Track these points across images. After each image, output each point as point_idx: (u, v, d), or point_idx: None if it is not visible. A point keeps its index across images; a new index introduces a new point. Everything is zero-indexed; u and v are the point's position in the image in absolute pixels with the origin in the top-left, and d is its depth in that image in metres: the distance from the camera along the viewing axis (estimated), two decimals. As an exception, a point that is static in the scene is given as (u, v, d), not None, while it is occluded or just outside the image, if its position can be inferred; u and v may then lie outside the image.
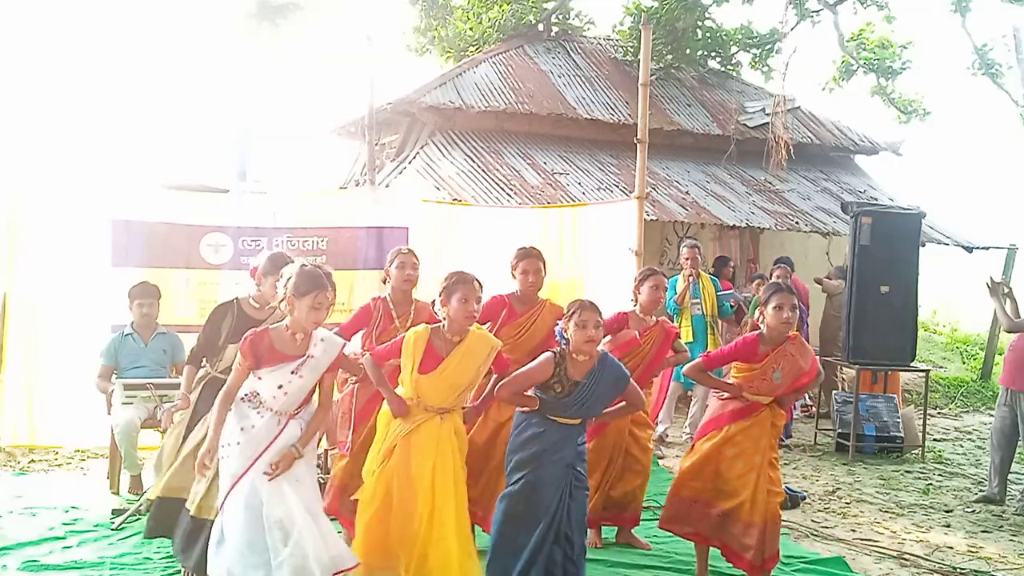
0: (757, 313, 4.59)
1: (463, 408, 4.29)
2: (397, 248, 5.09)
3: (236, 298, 4.62)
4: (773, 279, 8.93)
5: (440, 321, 4.16)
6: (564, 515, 4.06)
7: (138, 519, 5.43)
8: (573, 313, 4.11)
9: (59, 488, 6.18)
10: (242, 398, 3.76)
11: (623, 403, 4.31)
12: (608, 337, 5.05)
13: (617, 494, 5.22)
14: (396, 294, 4.94)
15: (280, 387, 3.73)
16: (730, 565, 4.89)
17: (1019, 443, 6.83)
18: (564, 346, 4.16)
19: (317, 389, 3.87)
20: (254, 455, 3.69)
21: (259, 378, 3.73)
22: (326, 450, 6.05)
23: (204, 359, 4.72)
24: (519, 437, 4.14)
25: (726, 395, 4.59)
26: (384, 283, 5.05)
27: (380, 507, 4.03)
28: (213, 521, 4.12)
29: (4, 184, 7.20)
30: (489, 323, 4.96)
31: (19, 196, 7.05)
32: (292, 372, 3.74)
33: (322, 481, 5.45)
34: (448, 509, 4.02)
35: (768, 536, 4.44)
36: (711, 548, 4.73)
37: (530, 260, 5.06)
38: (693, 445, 4.72)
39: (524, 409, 4.16)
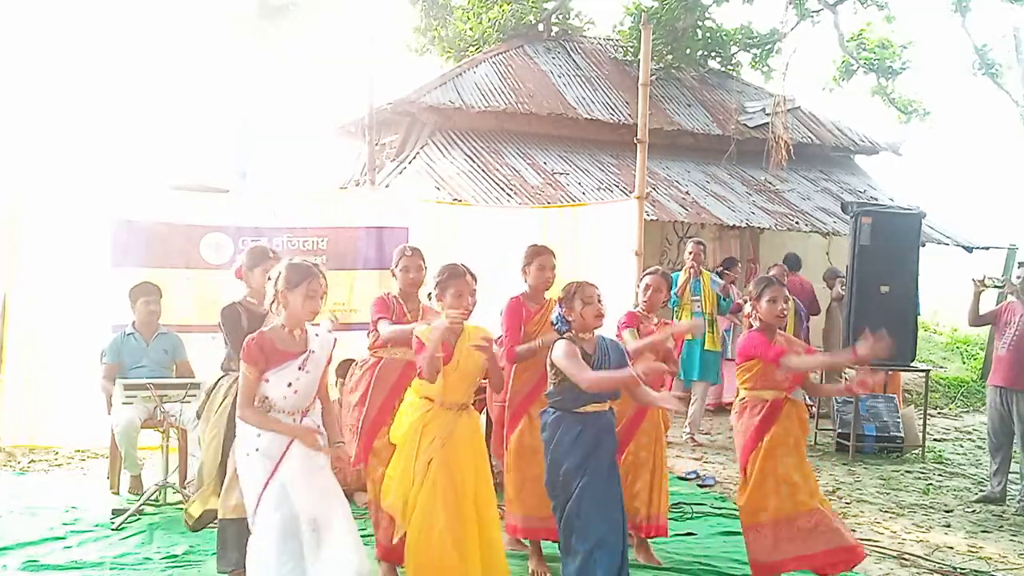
0: (750, 308, 4.57)
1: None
2: (401, 249, 4.94)
3: (235, 301, 4.58)
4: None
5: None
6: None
7: (138, 519, 5.44)
8: (575, 292, 4.08)
9: (59, 488, 6.17)
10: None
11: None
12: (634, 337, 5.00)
13: (651, 500, 5.06)
14: (404, 294, 4.93)
15: (289, 385, 3.71)
16: (731, 565, 4.91)
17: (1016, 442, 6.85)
18: (566, 331, 4.13)
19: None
20: (276, 459, 3.68)
21: (266, 380, 3.69)
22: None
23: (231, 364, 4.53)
24: (560, 445, 4.04)
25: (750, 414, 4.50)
26: (393, 277, 5.01)
27: (432, 523, 3.90)
28: (235, 520, 4.11)
29: (4, 184, 7.20)
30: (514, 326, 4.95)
31: (19, 196, 7.04)
32: (299, 368, 3.73)
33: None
34: (492, 507, 4.01)
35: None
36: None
37: (546, 256, 5.08)
38: (744, 473, 4.49)
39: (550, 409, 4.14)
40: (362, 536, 3.99)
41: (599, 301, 4.08)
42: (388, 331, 4.60)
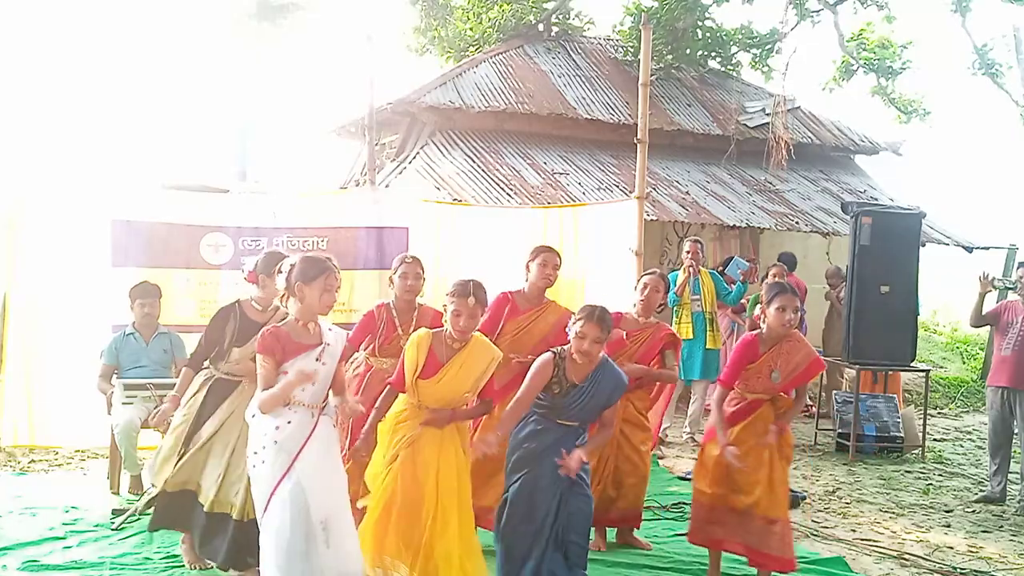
0: (758, 310, 4.59)
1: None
2: (402, 256, 5.02)
3: (238, 301, 4.61)
4: (770, 277, 8.94)
5: (443, 326, 4.17)
6: (564, 518, 4.05)
7: (138, 519, 5.43)
8: (580, 319, 4.06)
9: (59, 488, 6.17)
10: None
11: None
12: None
13: (615, 495, 5.22)
14: (400, 302, 4.93)
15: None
16: (731, 565, 4.91)
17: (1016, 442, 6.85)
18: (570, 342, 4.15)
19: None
20: (293, 453, 3.68)
21: (284, 372, 3.70)
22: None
23: (206, 362, 4.69)
24: (518, 435, 4.14)
25: (726, 403, 4.59)
26: (390, 286, 5.03)
27: (384, 508, 4.03)
28: (230, 515, 4.24)
29: (4, 184, 7.20)
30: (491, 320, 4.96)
31: (19, 196, 7.04)
32: (316, 359, 3.74)
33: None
34: (452, 508, 4.02)
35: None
36: (724, 553, 4.73)
37: (550, 255, 5.09)
38: (702, 451, 4.73)
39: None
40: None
41: (593, 342, 3.99)
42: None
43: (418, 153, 11.71)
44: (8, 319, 6.90)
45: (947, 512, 6.51)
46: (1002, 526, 6.23)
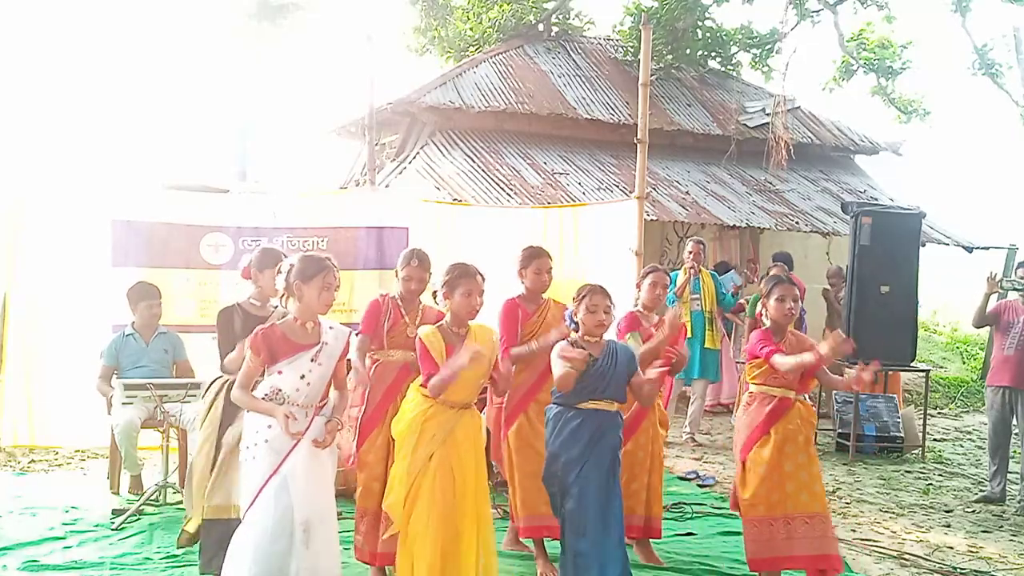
0: (759, 306, 4.59)
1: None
2: (408, 255, 4.86)
3: (237, 303, 4.58)
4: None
5: (442, 319, 4.15)
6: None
7: (138, 519, 5.44)
8: (584, 297, 4.09)
9: (59, 488, 6.17)
10: (263, 398, 3.70)
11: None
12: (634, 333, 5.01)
13: (647, 498, 5.05)
14: (403, 297, 4.93)
15: (302, 377, 3.70)
16: (731, 565, 4.91)
17: (1016, 442, 6.84)
18: (574, 331, 4.14)
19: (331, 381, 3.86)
20: (283, 453, 3.67)
21: (279, 372, 3.69)
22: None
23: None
24: (559, 436, 4.06)
25: (753, 405, 4.49)
26: (396, 279, 5.00)
27: (427, 521, 3.88)
28: (218, 520, 4.17)
29: (4, 184, 7.20)
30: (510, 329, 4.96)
31: (19, 196, 7.04)
32: (312, 360, 3.72)
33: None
34: (487, 507, 4.01)
35: None
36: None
37: (543, 259, 5.08)
38: (743, 463, 4.47)
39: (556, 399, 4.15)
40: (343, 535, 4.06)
41: (605, 312, 4.07)
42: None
43: (418, 153, 11.71)
44: (8, 319, 6.90)
45: (947, 512, 6.51)
46: (1002, 526, 6.22)
